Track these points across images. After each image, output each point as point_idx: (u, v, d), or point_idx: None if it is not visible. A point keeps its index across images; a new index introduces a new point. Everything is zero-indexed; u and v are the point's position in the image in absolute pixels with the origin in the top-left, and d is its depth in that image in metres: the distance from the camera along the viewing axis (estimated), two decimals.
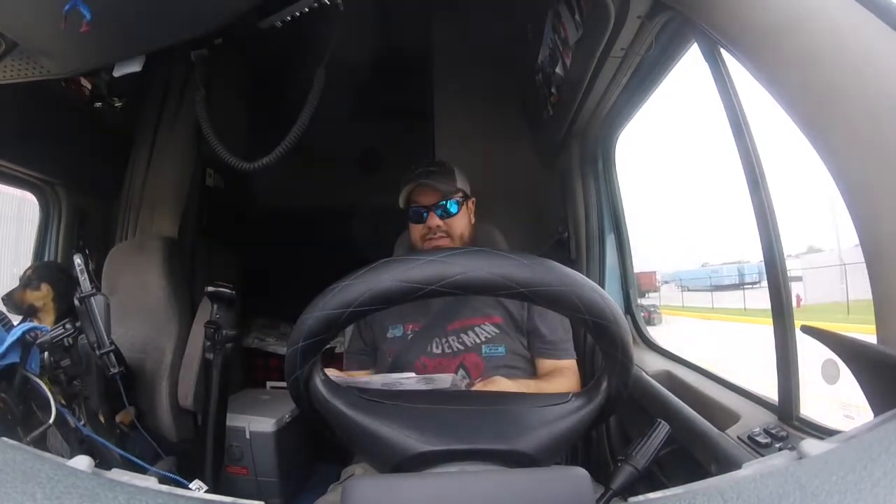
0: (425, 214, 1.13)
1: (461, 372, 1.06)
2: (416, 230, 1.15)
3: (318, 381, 0.53)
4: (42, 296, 1.56)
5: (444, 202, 1.13)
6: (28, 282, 1.56)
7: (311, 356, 0.51)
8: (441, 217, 1.12)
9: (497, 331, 1.08)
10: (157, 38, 1.07)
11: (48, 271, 1.59)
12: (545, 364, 1.09)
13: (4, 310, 1.52)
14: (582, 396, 0.55)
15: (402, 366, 1.05)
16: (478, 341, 1.08)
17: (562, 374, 1.06)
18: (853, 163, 0.50)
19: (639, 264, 1.68)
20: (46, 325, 1.49)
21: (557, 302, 0.47)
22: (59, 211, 1.91)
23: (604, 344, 0.51)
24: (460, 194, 1.16)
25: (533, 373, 1.11)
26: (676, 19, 0.95)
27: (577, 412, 0.54)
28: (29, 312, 1.55)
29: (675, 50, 1.07)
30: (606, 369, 0.55)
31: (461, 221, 1.15)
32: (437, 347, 1.08)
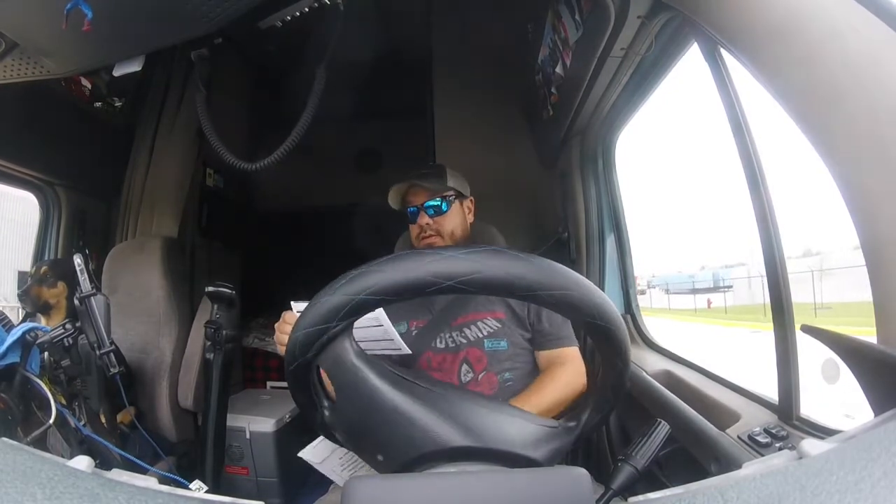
0: (415, 213, 1.17)
1: (465, 367, 1.06)
2: (413, 230, 1.20)
3: (348, 341, 0.50)
4: (58, 293, 1.56)
5: (432, 201, 1.16)
6: (44, 278, 1.56)
7: (352, 316, 0.48)
8: (431, 215, 1.16)
9: (499, 325, 1.09)
10: (157, 38, 1.07)
11: (64, 269, 1.59)
12: (546, 355, 1.09)
13: (19, 305, 1.53)
14: (573, 419, 0.56)
15: (406, 362, 1.06)
16: (480, 336, 1.08)
17: (563, 364, 1.06)
18: (853, 163, 0.50)
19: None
20: (56, 321, 1.50)
21: (573, 307, 0.48)
22: (59, 211, 1.91)
23: (607, 351, 0.52)
24: (451, 193, 1.19)
25: (535, 367, 1.12)
26: (676, 19, 0.95)
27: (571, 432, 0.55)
28: (42, 309, 1.56)
29: (675, 50, 1.07)
30: (604, 374, 0.55)
31: (452, 219, 1.18)
32: (440, 343, 1.09)
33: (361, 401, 0.50)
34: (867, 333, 0.48)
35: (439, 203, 1.16)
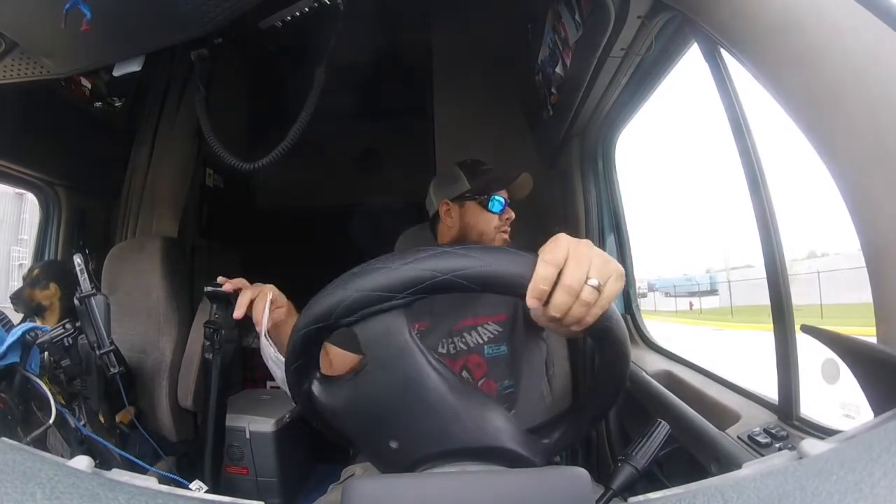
0: (503, 206, 1.20)
1: (465, 374, 1.06)
2: (493, 219, 1.20)
3: (406, 318, 0.48)
4: (50, 294, 1.56)
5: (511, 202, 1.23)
6: (36, 280, 1.57)
7: (427, 293, 0.45)
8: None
9: (500, 329, 1.08)
10: (157, 38, 1.07)
11: (56, 270, 1.60)
12: None
13: (11, 308, 1.54)
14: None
15: None
16: (480, 342, 1.08)
17: None
18: (853, 163, 0.50)
19: None
20: (50, 323, 1.50)
21: None
22: (59, 211, 1.91)
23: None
24: None
25: (532, 371, 1.11)
26: (676, 19, 0.95)
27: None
28: (36, 311, 1.56)
29: (675, 50, 1.07)
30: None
31: None
32: (442, 348, 1.08)
33: (404, 382, 0.48)
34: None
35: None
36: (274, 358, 0.78)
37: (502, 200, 1.20)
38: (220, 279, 0.89)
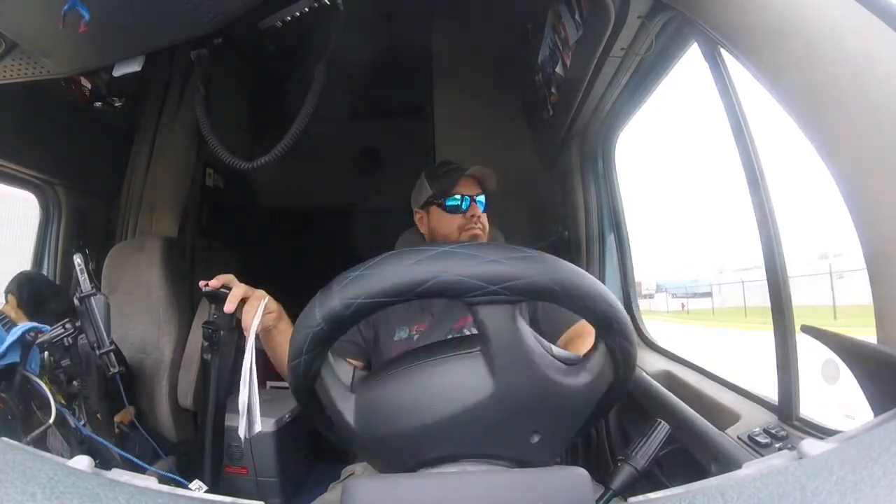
0: (467, 203, 1.12)
1: None
2: (454, 220, 1.14)
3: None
4: (11, 306, 1.57)
5: (483, 196, 1.14)
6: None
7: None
8: (482, 210, 1.14)
9: None
10: (157, 38, 1.07)
11: (12, 282, 1.61)
12: (567, 335, 1.05)
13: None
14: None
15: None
16: None
17: (587, 334, 1.00)
18: (853, 163, 0.50)
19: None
20: None
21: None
22: (59, 211, 1.91)
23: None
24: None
25: None
26: (676, 19, 0.95)
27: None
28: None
29: (675, 50, 1.07)
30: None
31: (486, 219, 1.17)
32: None
33: (528, 379, 0.47)
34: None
35: (485, 199, 1.15)
36: (250, 368, 0.79)
37: (459, 199, 1.13)
38: (201, 283, 0.88)
